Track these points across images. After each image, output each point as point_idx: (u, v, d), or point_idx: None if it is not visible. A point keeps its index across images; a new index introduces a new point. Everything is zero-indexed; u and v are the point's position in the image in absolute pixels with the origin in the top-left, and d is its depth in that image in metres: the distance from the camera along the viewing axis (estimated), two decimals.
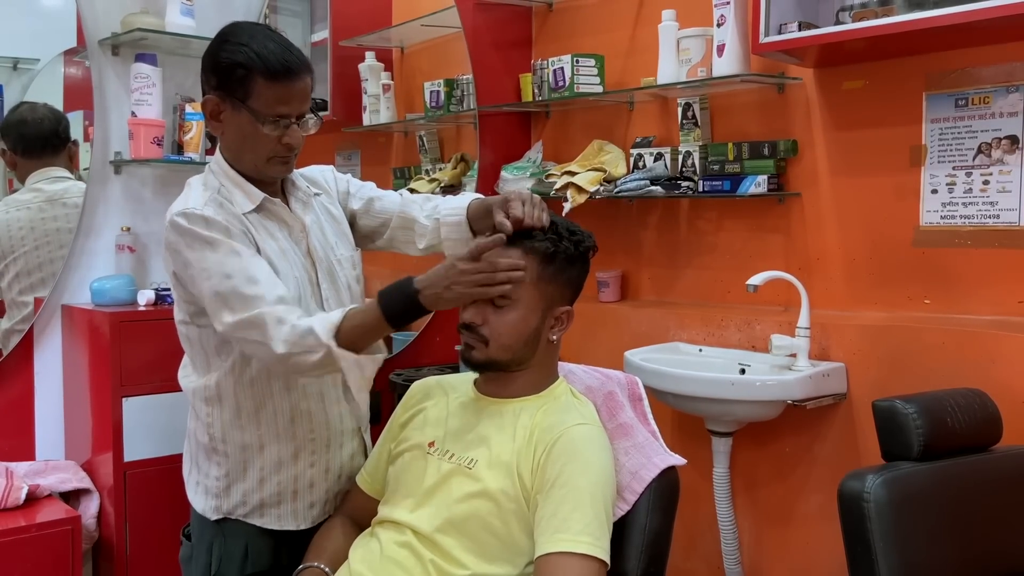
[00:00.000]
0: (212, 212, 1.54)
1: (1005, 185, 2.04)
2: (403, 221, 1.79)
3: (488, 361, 1.49)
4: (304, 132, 1.60)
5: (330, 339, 1.45)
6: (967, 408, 1.72)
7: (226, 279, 1.50)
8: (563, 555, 1.33)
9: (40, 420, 2.49)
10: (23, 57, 2.52)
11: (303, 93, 1.57)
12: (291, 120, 1.56)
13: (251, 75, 1.52)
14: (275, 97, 1.53)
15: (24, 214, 2.48)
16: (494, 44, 3.10)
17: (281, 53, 1.53)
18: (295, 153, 1.61)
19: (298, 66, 1.54)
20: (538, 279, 1.47)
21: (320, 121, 1.63)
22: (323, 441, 1.68)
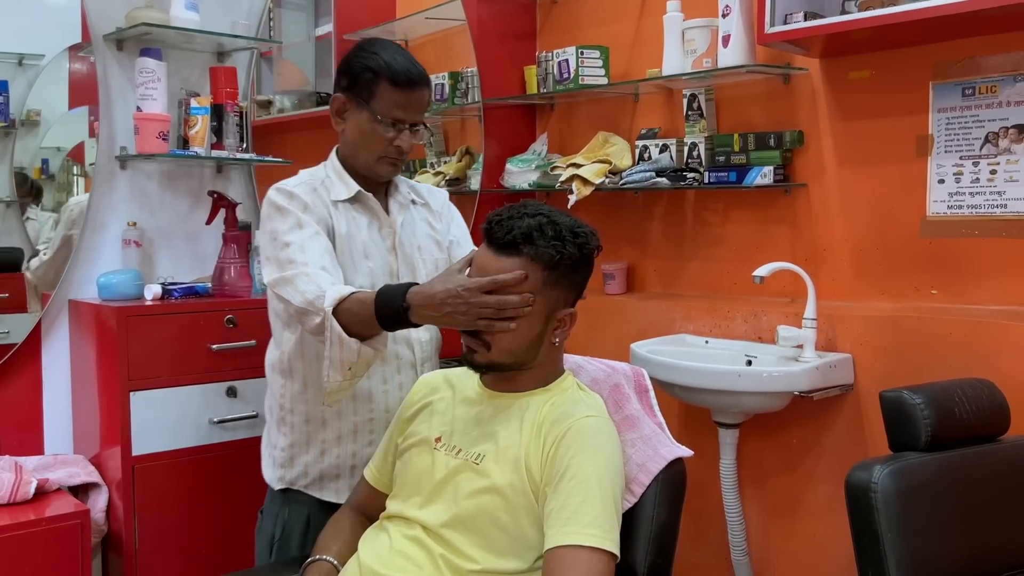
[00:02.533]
0: (300, 191, 1.73)
1: (1013, 174, 2.03)
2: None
3: (490, 364, 1.48)
4: (416, 140, 1.77)
5: (330, 307, 1.54)
6: (975, 398, 1.72)
7: (285, 246, 1.66)
8: (573, 548, 1.33)
9: (48, 415, 2.50)
10: (28, 53, 2.52)
11: (419, 103, 1.75)
12: (405, 126, 1.74)
13: (378, 79, 1.72)
14: (395, 102, 1.72)
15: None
16: (498, 36, 3.10)
17: (406, 65, 1.73)
18: (403, 158, 1.77)
19: (419, 79, 1.74)
20: (543, 286, 1.44)
21: (430, 134, 1.84)
22: (381, 421, 1.78)
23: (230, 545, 2.37)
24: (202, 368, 2.34)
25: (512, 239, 1.42)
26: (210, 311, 2.37)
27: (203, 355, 2.34)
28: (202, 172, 2.73)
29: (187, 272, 2.65)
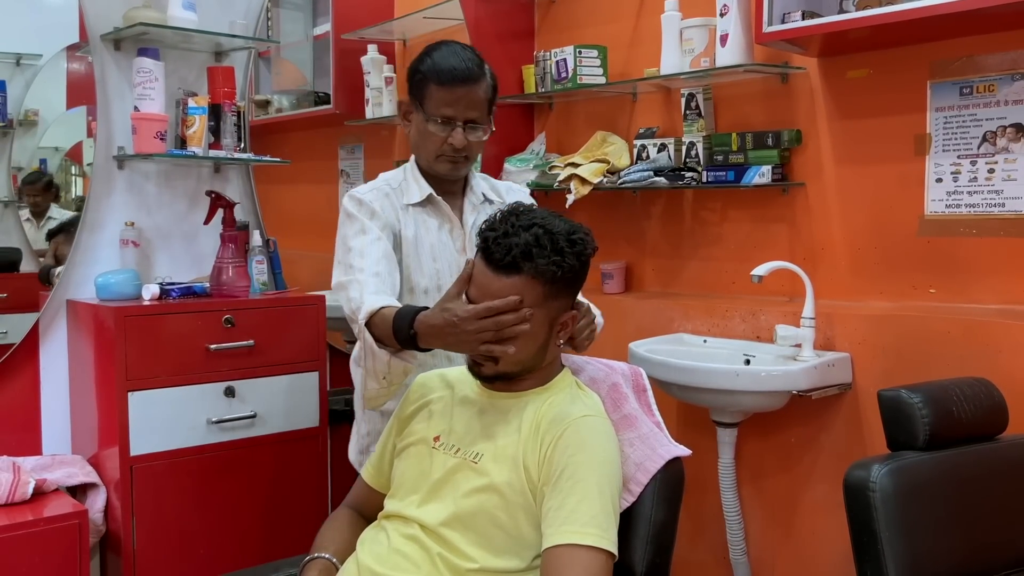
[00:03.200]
0: (370, 197, 1.83)
1: (1011, 173, 2.03)
2: None
3: (498, 375, 1.48)
4: (473, 138, 1.80)
5: (363, 319, 1.61)
6: (973, 397, 1.72)
7: (348, 251, 1.79)
8: (570, 547, 1.33)
9: (46, 415, 2.49)
10: (26, 53, 2.52)
11: (468, 100, 1.77)
12: (457, 123, 1.78)
13: (426, 80, 1.78)
14: (443, 100, 1.76)
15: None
16: (496, 36, 3.09)
17: (453, 62, 1.77)
18: (463, 155, 1.80)
19: (465, 76, 1.76)
20: (544, 299, 1.43)
21: (487, 131, 1.82)
22: None
23: (228, 545, 2.37)
24: (200, 368, 2.34)
25: (512, 259, 1.40)
26: (208, 311, 2.37)
27: (201, 355, 2.34)
28: (200, 172, 2.73)
29: (185, 272, 2.64)
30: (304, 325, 2.53)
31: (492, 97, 1.84)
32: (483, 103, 1.80)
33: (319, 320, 2.57)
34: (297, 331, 2.51)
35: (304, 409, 2.52)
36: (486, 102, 1.81)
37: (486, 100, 1.81)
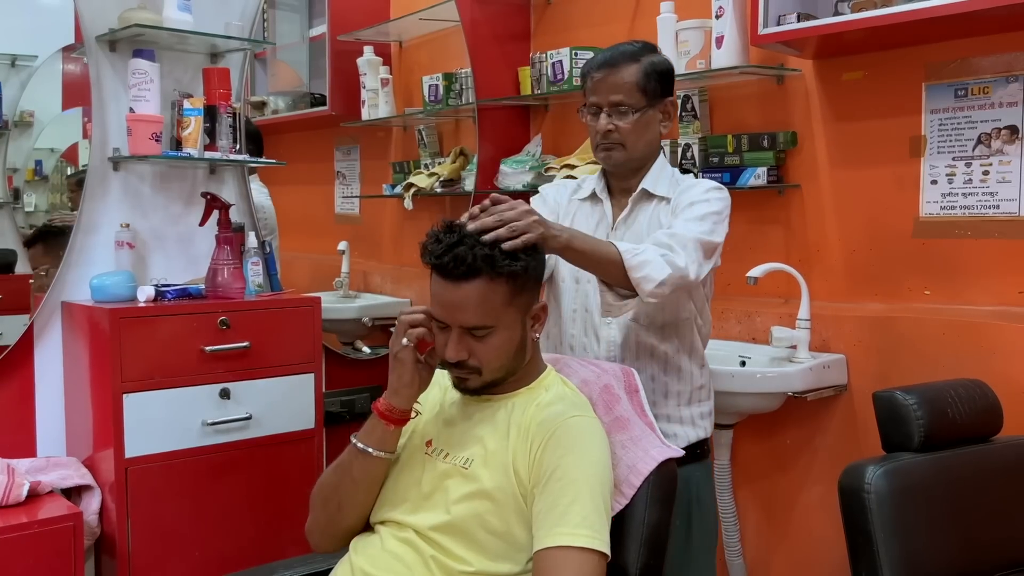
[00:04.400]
0: (552, 191, 1.96)
1: (1005, 175, 2.03)
2: None
3: (484, 386, 1.48)
4: (621, 123, 1.78)
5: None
6: (967, 399, 1.72)
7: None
8: (562, 549, 1.32)
9: (41, 417, 2.49)
10: (21, 54, 2.52)
11: (610, 84, 1.78)
12: (599, 108, 1.79)
13: (583, 77, 1.86)
14: (589, 88, 1.82)
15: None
16: (493, 38, 3.10)
17: (603, 54, 1.82)
18: (614, 142, 1.80)
19: (603, 61, 1.80)
20: (512, 297, 1.43)
21: (645, 115, 1.79)
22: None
23: (223, 547, 2.37)
24: (195, 370, 2.34)
25: (467, 267, 1.39)
26: (203, 313, 2.36)
27: (196, 357, 2.33)
28: (195, 173, 2.72)
29: (180, 274, 2.64)
30: (300, 327, 2.53)
31: (646, 82, 1.78)
32: (629, 86, 1.77)
33: (315, 322, 2.56)
34: (293, 333, 2.51)
35: (299, 411, 2.52)
36: (634, 85, 1.77)
37: (634, 83, 1.77)
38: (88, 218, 2.53)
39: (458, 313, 1.42)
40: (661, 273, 1.59)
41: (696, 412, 1.86)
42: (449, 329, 1.44)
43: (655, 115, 1.82)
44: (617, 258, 1.59)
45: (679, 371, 1.84)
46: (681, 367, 1.84)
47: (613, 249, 1.60)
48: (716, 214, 1.74)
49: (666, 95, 1.83)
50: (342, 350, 3.13)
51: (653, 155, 1.86)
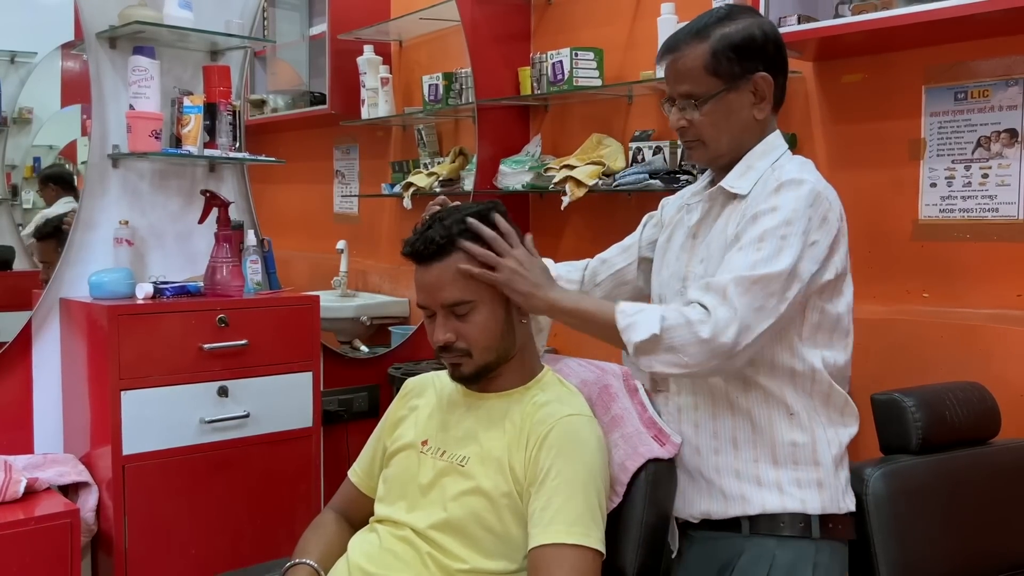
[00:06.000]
0: (673, 197, 1.76)
1: (1004, 179, 2.04)
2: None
3: (478, 370, 1.48)
4: (690, 116, 1.51)
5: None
6: (966, 401, 1.73)
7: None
8: (556, 546, 1.33)
9: (38, 413, 2.48)
10: (20, 51, 2.52)
11: (673, 73, 1.53)
12: (673, 101, 1.55)
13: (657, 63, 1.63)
14: (666, 81, 1.58)
15: None
16: (493, 37, 3.10)
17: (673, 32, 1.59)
18: (690, 139, 1.54)
19: (664, 48, 1.56)
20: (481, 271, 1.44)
21: (708, 104, 1.49)
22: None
23: (220, 545, 2.37)
24: (193, 368, 2.34)
25: (438, 247, 1.43)
26: (202, 310, 2.36)
27: (194, 355, 2.33)
28: (195, 171, 2.72)
29: (179, 271, 2.64)
30: (298, 325, 2.53)
31: (716, 62, 1.47)
32: (695, 72, 1.49)
33: (313, 320, 2.56)
34: (291, 331, 2.51)
35: (297, 410, 2.52)
36: (701, 69, 1.48)
37: (701, 67, 1.48)
38: (87, 215, 2.53)
39: (436, 293, 1.44)
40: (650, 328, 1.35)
41: (788, 477, 1.46)
42: (435, 316, 1.46)
43: (739, 98, 1.49)
44: (612, 321, 1.40)
45: (751, 418, 1.48)
46: (754, 417, 1.48)
47: (609, 310, 1.41)
48: (784, 226, 1.38)
49: (750, 71, 1.48)
50: (340, 349, 3.13)
51: (746, 146, 1.52)
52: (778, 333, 1.42)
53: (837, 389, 1.49)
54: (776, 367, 1.46)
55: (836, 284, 1.47)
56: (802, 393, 1.47)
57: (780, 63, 1.53)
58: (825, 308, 1.46)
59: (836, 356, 1.49)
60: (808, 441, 1.47)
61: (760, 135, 1.53)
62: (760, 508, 1.45)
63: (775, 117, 1.56)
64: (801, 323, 1.45)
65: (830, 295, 1.47)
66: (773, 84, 1.51)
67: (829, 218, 1.43)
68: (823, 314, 1.46)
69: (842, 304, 1.49)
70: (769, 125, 1.54)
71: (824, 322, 1.47)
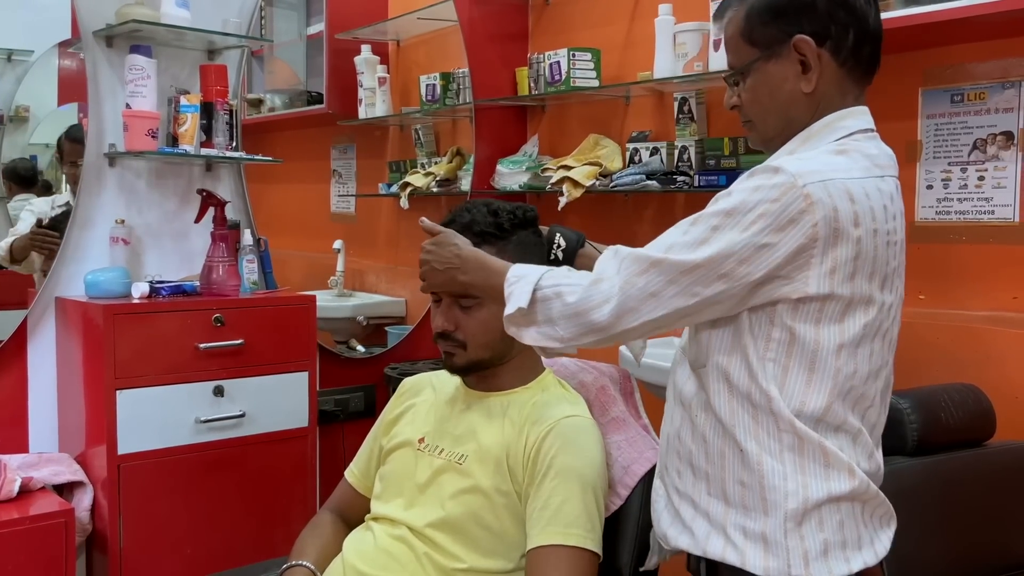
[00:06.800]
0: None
1: (1000, 181, 2.04)
2: None
3: (470, 364, 1.48)
4: (736, 94, 1.33)
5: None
6: (961, 403, 1.73)
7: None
8: (554, 547, 1.33)
9: (34, 412, 2.48)
10: (17, 49, 2.51)
11: (724, 46, 1.34)
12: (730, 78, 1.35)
13: None
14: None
15: None
16: (490, 38, 3.10)
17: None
18: (743, 119, 1.35)
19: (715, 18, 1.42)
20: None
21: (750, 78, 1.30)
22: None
23: (215, 545, 2.36)
24: (189, 367, 2.33)
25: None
26: (198, 310, 2.36)
27: (190, 354, 2.33)
28: (191, 170, 2.72)
29: (175, 270, 2.63)
30: (294, 325, 2.53)
31: (750, 28, 1.27)
32: (735, 42, 1.30)
33: (309, 320, 2.56)
34: (287, 331, 2.51)
35: (293, 409, 2.52)
36: (739, 38, 1.29)
37: (738, 36, 1.29)
38: (83, 214, 2.53)
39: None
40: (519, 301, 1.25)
41: (735, 521, 1.22)
42: (442, 302, 1.48)
43: (782, 68, 1.26)
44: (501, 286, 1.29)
45: (705, 442, 1.26)
46: (708, 442, 1.26)
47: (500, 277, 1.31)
48: (723, 216, 1.17)
49: (788, 34, 1.24)
50: (336, 349, 3.13)
51: (796, 126, 1.28)
52: (731, 343, 1.21)
53: (813, 437, 1.19)
54: (733, 387, 1.22)
55: (824, 307, 1.17)
56: (761, 428, 1.20)
57: (842, 21, 1.24)
58: (796, 331, 1.17)
59: (811, 397, 1.19)
60: (756, 483, 1.20)
61: (813, 112, 1.27)
62: (702, 551, 1.25)
63: (851, 91, 1.28)
64: (765, 341, 1.19)
65: (810, 317, 1.17)
66: (821, 48, 1.24)
67: (801, 221, 1.14)
68: (793, 337, 1.18)
69: (830, 334, 1.18)
70: (828, 100, 1.26)
71: (796, 349, 1.18)
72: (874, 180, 1.21)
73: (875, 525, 1.28)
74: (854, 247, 1.16)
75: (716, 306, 1.19)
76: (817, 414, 1.19)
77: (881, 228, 1.20)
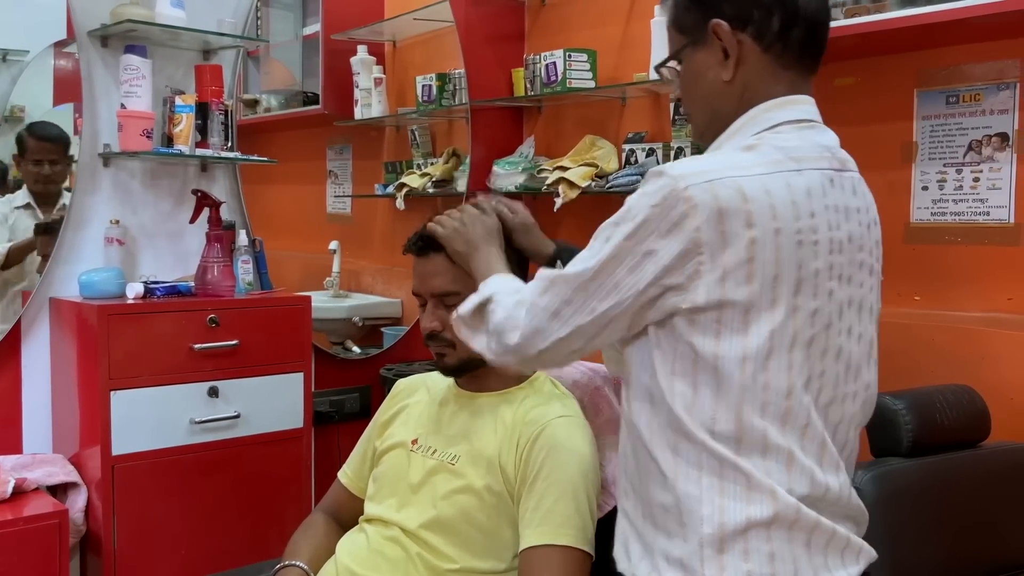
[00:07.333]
0: None
1: (995, 182, 2.04)
2: None
3: (461, 363, 1.48)
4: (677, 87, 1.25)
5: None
6: (956, 404, 1.73)
7: None
8: (546, 547, 1.33)
9: (28, 413, 2.47)
10: (12, 49, 2.51)
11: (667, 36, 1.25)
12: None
13: None
14: None
15: None
16: (486, 38, 3.09)
17: None
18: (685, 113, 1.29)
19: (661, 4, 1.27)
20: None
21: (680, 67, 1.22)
22: None
23: (210, 546, 2.36)
24: (184, 368, 2.33)
25: (428, 238, 1.47)
26: (192, 310, 2.35)
27: (185, 355, 2.32)
28: (186, 170, 2.71)
29: (170, 271, 2.63)
30: (289, 326, 2.52)
31: (677, 13, 1.21)
32: (671, 32, 1.23)
33: (305, 321, 2.55)
34: (282, 331, 2.50)
35: (288, 410, 2.51)
36: (672, 26, 1.22)
37: (672, 23, 1.22)
38: (77, 214, 2.52)
39: (429, 280, 1.48)
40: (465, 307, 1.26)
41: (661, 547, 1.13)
42: (427, 305, 1.50)
43: (704, 56, 1.18)
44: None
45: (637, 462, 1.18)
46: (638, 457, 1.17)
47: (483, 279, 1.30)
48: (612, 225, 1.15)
49: (708, 20, 1.16)
50: (332, 349, 3.12)
51: (723, 120, 1.19)
52: (645, 360, 1.13)
53: (730, 458, 1.08)
54: (650, 406, 1.14)
55: (722, 316, 1.06)
56: (679, 449, 1.11)
57: (765, 4, 1.14)
58: (696, 344, 1.08)
59: (721, 415, 1.08)
60: (675, 506, 1.11)
61: (738, 103, 1.18)
62: (632, 575, 1.16)
63: (783, 80, 1.19)
64: (672, 357, 1.10)
65: (708, 330, 1.07)
66: (742, 33, 1.15)
67: (683, 225, 1.05)
68: (696, 352, 1.08)
69: (731, 346, 1.07)
70: (754, 90, 1.17)
71: (700, 364, 1.08)
72: (784, 175, 1.09)
73: (828, 560, 1.11)
74: (747, 250, 1.05)
75: (616, 322, 1.12)
76: (731, 433, 1.08)
77: (787, 227, 1.07)
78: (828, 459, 1.13)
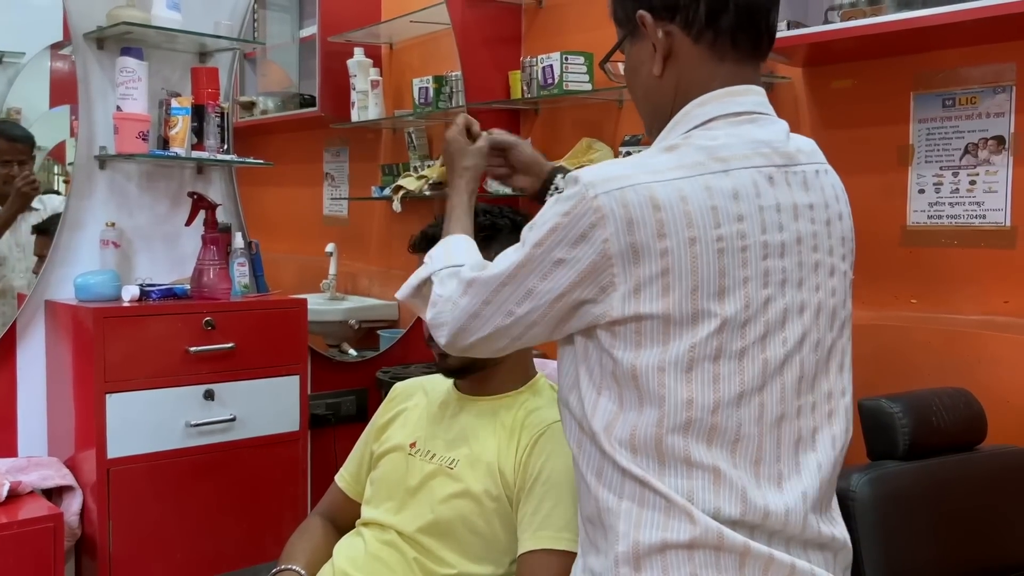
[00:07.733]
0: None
1: (992, 185, 2.04)
2: None
3: (463, 364, 1.47)
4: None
5: None
6: (952, 407, 1.73)
7: None
8: (545, 552, 1.32)
9: (23, 416, 2.47)
10: (8, 51, 2.51)
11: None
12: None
13: None
14: None
15: None
16: (483, 41, 3.09)
17: None
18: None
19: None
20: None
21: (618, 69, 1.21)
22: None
23: (206, 550, 2.35)
24: (179, 371, 2.32)
25: (421, 236, 1.46)
26: (188, 313, 2.35)
27: (180, 357, 2.32)
28: (182, 173, 2.71)
29: (166, 274, 2.62)
30: (286, 328, 2.52)
31: (611, 8, 1.20)
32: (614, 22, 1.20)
33: (301, 323, 2.55)
34: (278, 334, 2.50)
35: (284, 413, 2.51)
36: (613, 17, 1.20)
37: (613, 15, 1.20)
38: (73, 216, 2.52)
39: None
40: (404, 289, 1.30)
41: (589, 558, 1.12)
42: None
43: (638, 49, 1.15)
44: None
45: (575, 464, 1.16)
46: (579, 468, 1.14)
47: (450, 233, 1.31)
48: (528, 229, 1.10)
49: (635, 11, 1.12)
50: (328, 352, 3.12)
51: (662, 112, 1.14)
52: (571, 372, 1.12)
53: (649, 477, 1.04)
54: (575, 418, 1.12)
55: (641, 328, 1.02)
56: (602, 463, 1.08)
57: None
58: (616, 357, 1.04)
59: (640, 431, 1.04)
60: (598, 521, 1.09)
61: (673, 97, 1.12)
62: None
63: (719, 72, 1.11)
64: (599, 370, 1.07)
65: (628, 342, 1.03)
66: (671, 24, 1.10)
67: (591, 236, 1.02)
68: (617, 365, 1.04)
69: (650, 358, 1.03)
70: (688, 84, 1.11)
71: (621, 378, 1.05)
72: (703, 178, 1.02)
73: None
74: (659, 262, 1.00)
75: (535, 328, 1.10)
76: (651, 451, 1.04)
77: (705, 235, 1.00)
78: (766, 477, 1.05)
